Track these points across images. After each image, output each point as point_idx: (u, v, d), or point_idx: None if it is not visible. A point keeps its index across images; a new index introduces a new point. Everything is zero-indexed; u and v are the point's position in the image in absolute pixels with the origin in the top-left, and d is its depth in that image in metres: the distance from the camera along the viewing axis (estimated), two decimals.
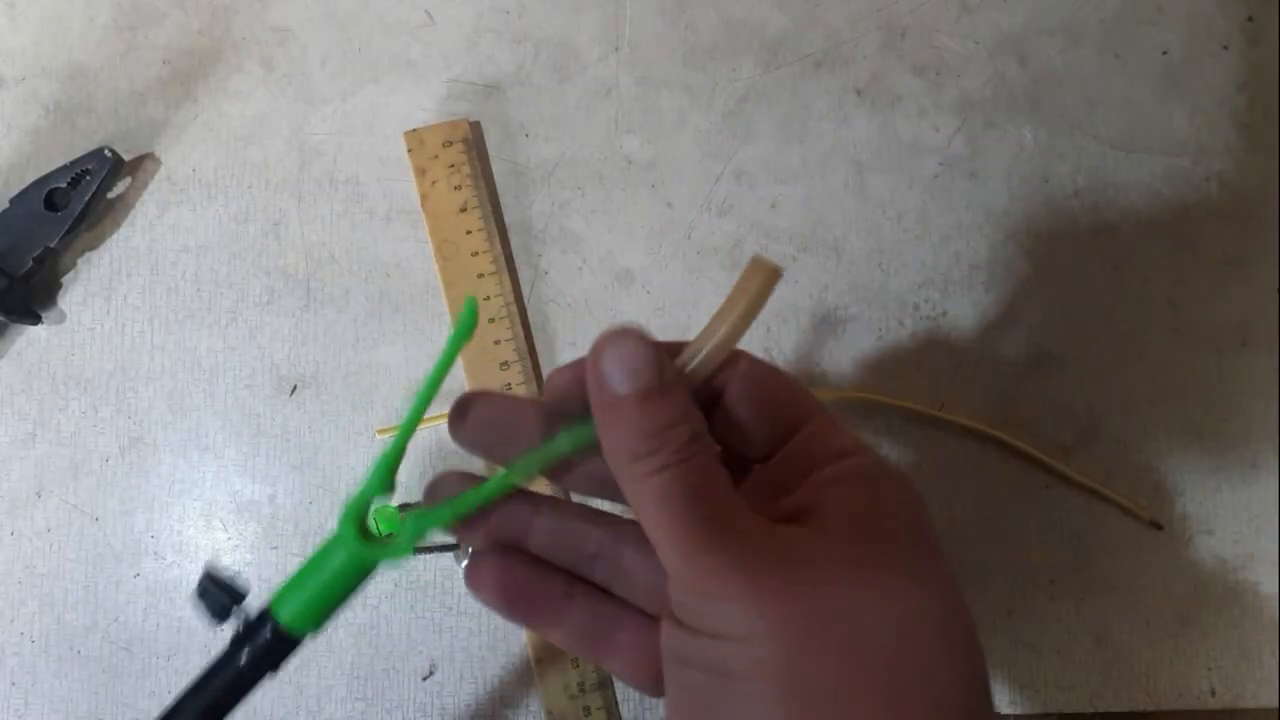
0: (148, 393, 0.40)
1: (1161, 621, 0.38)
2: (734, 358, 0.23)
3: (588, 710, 0.37)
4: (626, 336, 0.22)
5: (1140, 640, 0.38)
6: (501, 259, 0.40)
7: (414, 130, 0.41)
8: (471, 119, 0.41)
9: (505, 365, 0.39)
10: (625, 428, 0.21)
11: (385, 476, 0.24)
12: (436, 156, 0.40)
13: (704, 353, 0.23)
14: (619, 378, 0.21)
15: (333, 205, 0.41)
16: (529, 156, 0.41)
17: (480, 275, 0.39)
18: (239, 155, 0.41)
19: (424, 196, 0.40)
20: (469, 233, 0.40)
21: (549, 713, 0.37)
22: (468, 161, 0.40)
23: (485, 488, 0.24)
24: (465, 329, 0.23)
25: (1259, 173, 0.40)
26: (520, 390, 0.39)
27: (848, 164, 0.41)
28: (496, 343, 0.39)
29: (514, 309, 0.40)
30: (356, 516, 0.23)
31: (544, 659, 0.37)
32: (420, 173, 0.40)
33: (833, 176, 0.41)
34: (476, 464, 0.39)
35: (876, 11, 0.42)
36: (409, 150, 0.41)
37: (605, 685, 0.38)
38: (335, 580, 0.23)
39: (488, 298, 0.39)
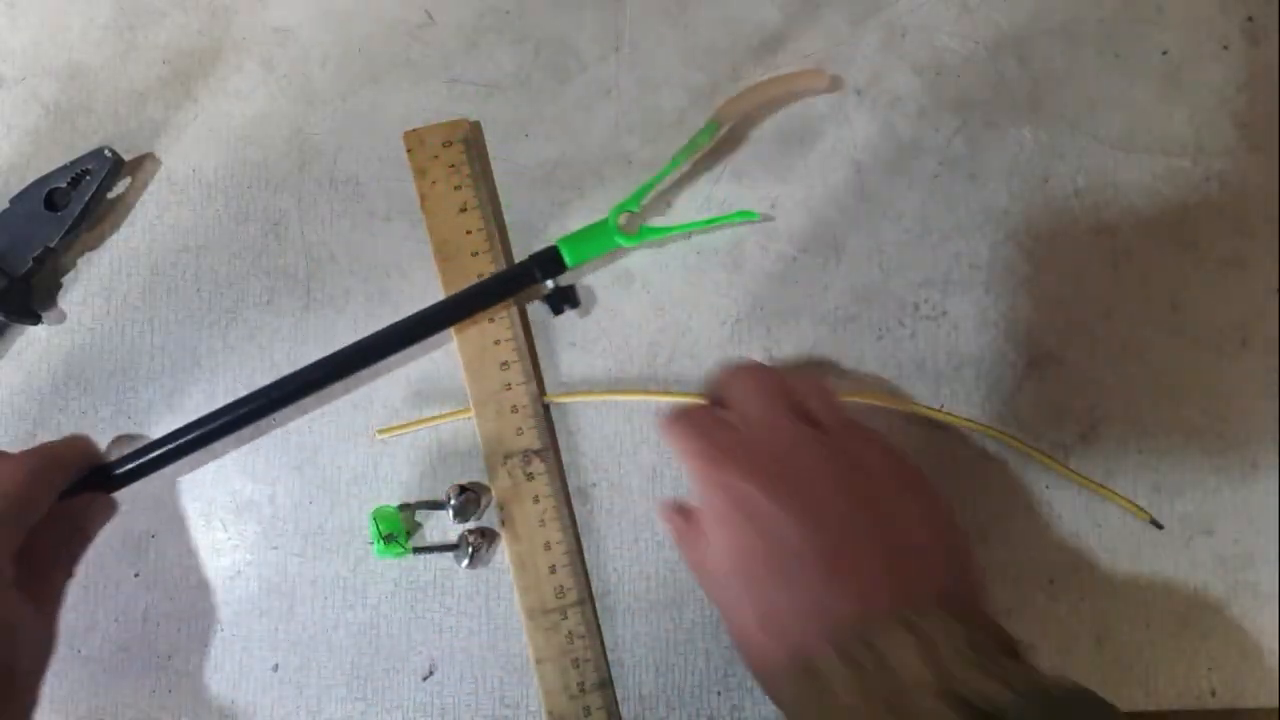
0: (148, 393, 0.40)
1: (1161, 621, 0.38)
2: None
3: (588, 710, 0.37)
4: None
5: (1140, 640, 0.38)
6: (502, 258, 0.40)
7: (414, 130, 0.41)
8: (471, 119, 0.41)
9: (505, 365, 0.39)
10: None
11: (646, 192, 0.39)
12: (437, 156, 0.40)
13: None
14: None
15: (333, 205, 0.41)
16: (529, 156, 0.41)
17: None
18: (239, 155, 0.41)
19: (424, 196, 0.40)
20: (469, 233, 0.40)
21: (549, 713, 0.37)
22: (468, 161, 0.40)
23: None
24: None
25: (1259, 173, 0.40)
26: (519, 389, 0.39)
27: (848, 164, 0.41)
28: (497, 343, 0.39)
29: (514, 309, 0.40)
30: (618, 214, 0.39)
31: (544, 659, 0.37)
32: (420, 173, 0.40)
33: (833, 176, 0.41)
34: (476, 466, 0.39)
35: (876, 11, 0.42)
36: (409, 150, 0.41)
37: (605, 685, 0.38)
38: (594, 245, 0.39)
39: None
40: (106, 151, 0.39)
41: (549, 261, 0.38)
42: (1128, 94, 0.41)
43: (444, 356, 0.40)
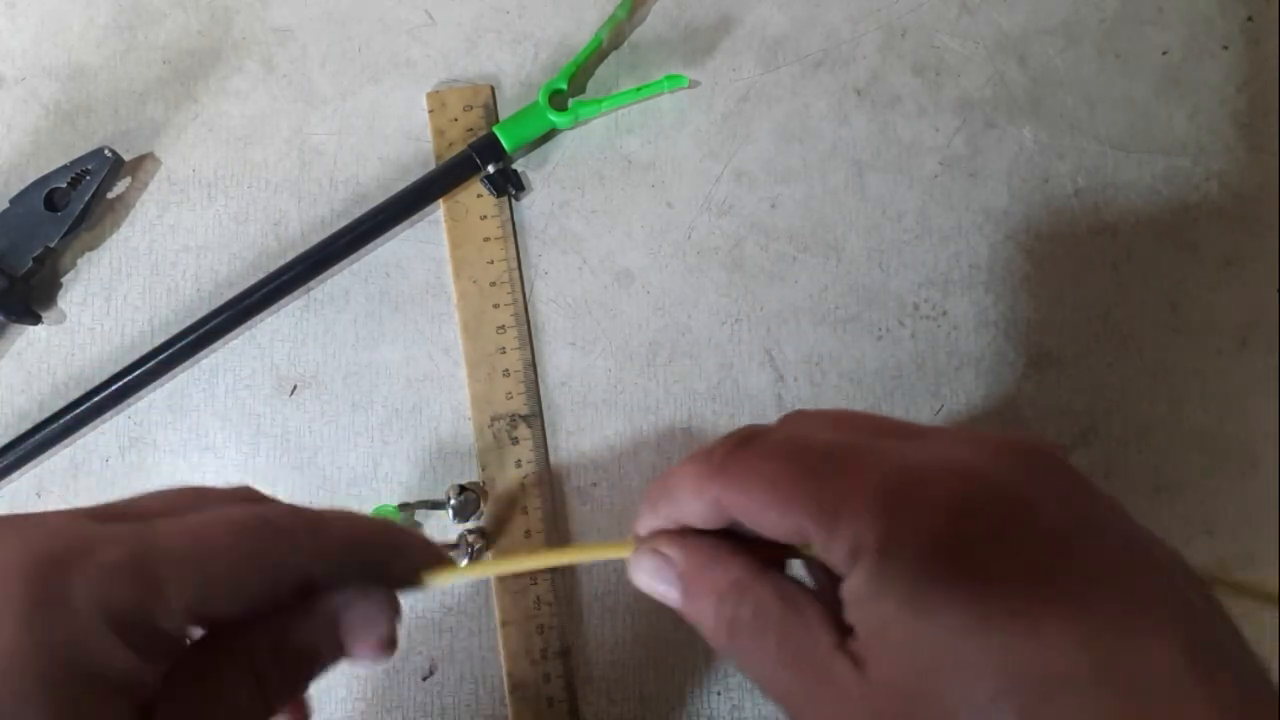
0: (148, 393, 0.40)
1: None
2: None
3: (548, 677, 0.37)
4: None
5: None
6: (510, 223, 0.40)
7: (436, 92, 0.41)
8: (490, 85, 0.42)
9: (502, 329, 0.39)
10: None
11: (574, 69, 0.40)
12: (456, 119, 0.41)
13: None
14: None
15: (333, 205, 0.41)
16: (529, 157, 0.41)
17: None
18: (239, 155, 0.41)
19: (439, 158, 0.41)
20: (480, 196, 0.40)
21: (510, 675, 0.37)
22: (486, 128, 0.40)
23: None
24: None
25: (1259, 173, 0.40)
26: (514, 355, 0.39)
27: (848, 164, 0.41)
28: (496, 306, 0.39)
29: (517, 276, 0.40)
30: (549, 93, 0.39)
31: (510, 622, 0.38)
32: (439, 133, 0.41)
33: (833, 176, 0.41)
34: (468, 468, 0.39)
35: (876, 11, 0.42)
36: (430, 111, 0.41)
37: (567, 654, 0.38)
38: (528, 127, 0.40)
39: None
40: (106, 151, 0.39)
41: (487, 148, 0.39)
42: (1128, 94, 0.41)
43: (444, 355, 0.40)
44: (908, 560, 0.18)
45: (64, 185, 0.39)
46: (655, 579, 0.23)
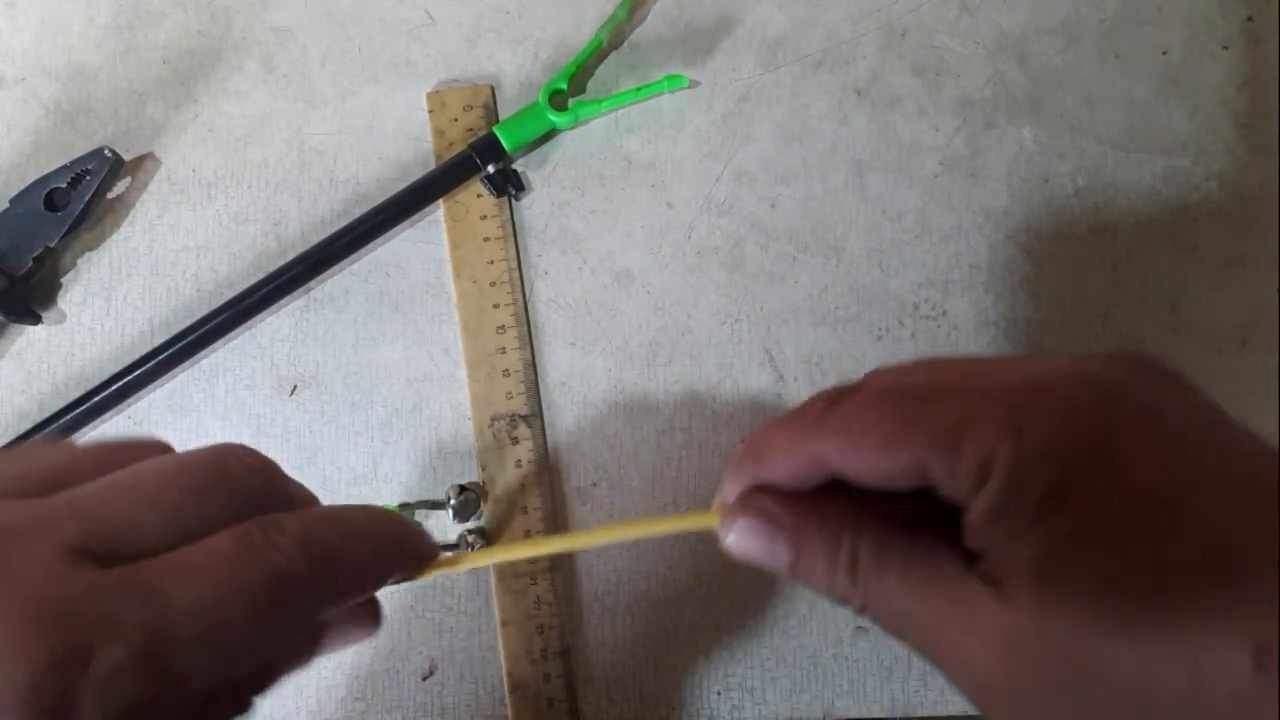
0: (148, 393, 0.40)
1: None
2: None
3: (548, 677, 0.38)
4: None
5: None
6: (510, 223, 0.40)
7: (436, 92, 0.41)
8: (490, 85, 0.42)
9: (502, 329, 0.39)
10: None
11: (574, 69, 0.40)
12: (456, 119, 0.41)
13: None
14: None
15: (333, 205, 0.41)
16: (529, 157, 0.41)
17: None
18: (239, 155, 0.41)
19: (439, 158, 0.41)
20: (480, 196, 0.40)
21: (509, 675, 0.37)
22: (486, 128, 0.40)
23: None
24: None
25: (1259, 173, 0.40)
26: (514, 355, 0.39)
27: (848, 164, 0.41)
28: (496, 306, 0.39)
29: (517, 275, 0.40)
30: (549, 93, 0.39)
31: (510, 622, 0.38)
32: (439, 133, 0.41)
33: (833, 176, 0.41)
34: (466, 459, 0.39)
35: (876, 11, 0.42)
36: (430, 111, 0.41)
37: (567, 654, 0.38)
38: (528, 127, 0.40)
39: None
40: (106, 151, 0.39)
41: (487, 148, 0.39)
42: (1128, 94, 0.41)
43: (444, 355, 0.40)
44: (1042, 466, 0.18)
45: (64, 185, 0.39)
46: (759, 539, 0.21)
